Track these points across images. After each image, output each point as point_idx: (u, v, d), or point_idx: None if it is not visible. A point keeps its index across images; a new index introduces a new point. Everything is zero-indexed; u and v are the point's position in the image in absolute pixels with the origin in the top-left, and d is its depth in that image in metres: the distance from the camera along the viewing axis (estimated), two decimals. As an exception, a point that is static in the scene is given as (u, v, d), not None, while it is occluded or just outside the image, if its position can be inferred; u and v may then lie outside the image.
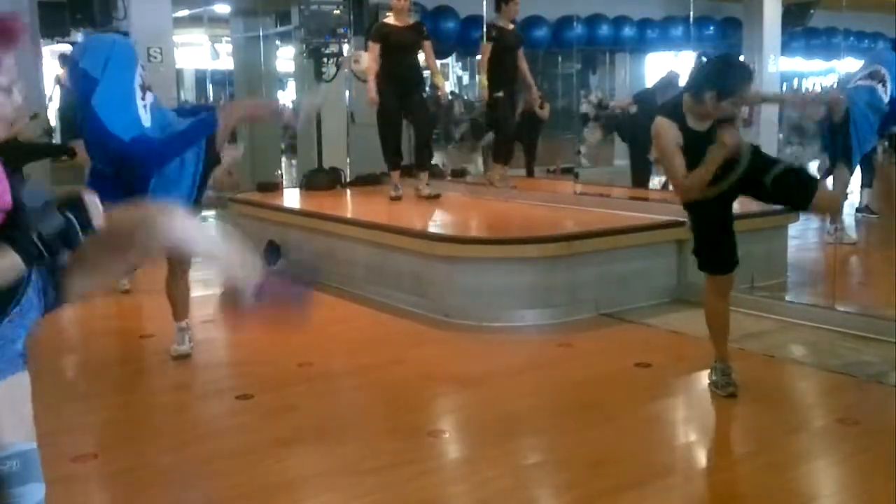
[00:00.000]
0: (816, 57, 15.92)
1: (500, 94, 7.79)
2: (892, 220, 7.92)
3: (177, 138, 4.41)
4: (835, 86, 14.31)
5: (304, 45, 9.14)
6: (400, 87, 7.28)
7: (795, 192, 3.91)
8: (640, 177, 9.48)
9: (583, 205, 7.02)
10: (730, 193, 3.91)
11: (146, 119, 4.30)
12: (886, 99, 7.30)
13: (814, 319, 5.34)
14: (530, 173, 11.21)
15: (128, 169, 4.22)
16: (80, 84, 4.28)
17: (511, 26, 7.81)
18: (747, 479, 3.33)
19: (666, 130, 3.82)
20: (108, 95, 4.21)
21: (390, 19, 7.37)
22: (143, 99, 4.34)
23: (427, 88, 7.63)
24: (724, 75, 3.80)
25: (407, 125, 7.78)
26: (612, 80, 14.34)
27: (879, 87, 7.39)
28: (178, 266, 4.84)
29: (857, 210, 9.26)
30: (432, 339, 5.30)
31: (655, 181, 9.35)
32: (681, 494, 3.32)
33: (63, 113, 9.45)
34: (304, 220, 7.20)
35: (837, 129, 7.31)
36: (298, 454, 3.64)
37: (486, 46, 7.75)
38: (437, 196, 7.42)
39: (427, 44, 7.50)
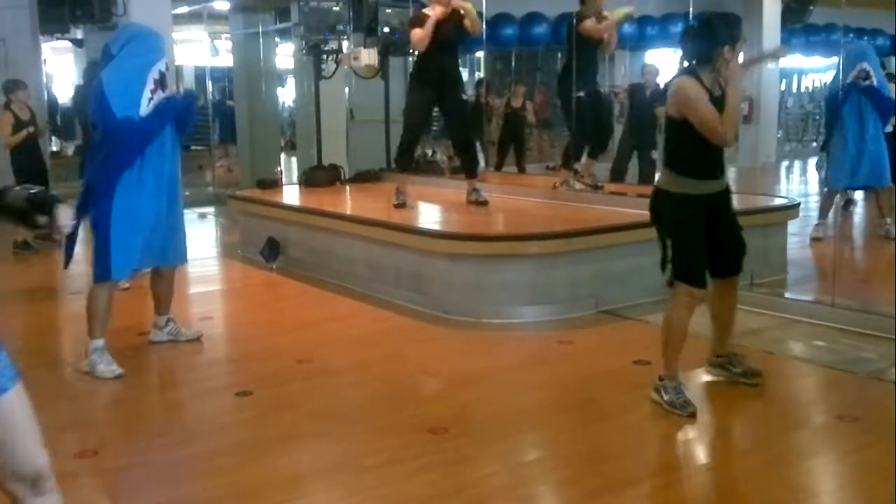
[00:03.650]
0: (816, 53, 15.92)
1: (582, 94, 7.16)
2: None
3: (152, 117, 4.56)
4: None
5: (304, 42, 9.14)
6: (435, 84, 6.68)
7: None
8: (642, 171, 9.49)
9: (582, 201, 7.02)
10: (703, 213, 3.96)
11: (145, 109, 4.47)
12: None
13: (813, 316, 5.35)
14: (521, 170, 11.20)
15: (112, 148, 4.45)
16: (103, 58, 4.53)
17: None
18: (747, 476, 3.33)
19: (692, 84, 3.80)
20: (117, 70, 4.43)
21: (429, 10, 6.67)
22: (153, 92, 4.47)
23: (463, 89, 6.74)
24: (726, 27, 3.88)
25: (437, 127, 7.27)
26: (612, 76, 14.33)
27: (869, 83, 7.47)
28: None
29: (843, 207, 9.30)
30: (432, 335, 5.30)
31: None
32: (680, 491, 3.32)
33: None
34: (304, 217, 7.20)
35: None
36: (298, 450, 3.64)
37: (588, 22, 7.03)
38: (485, 202, 6.95)
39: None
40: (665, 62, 11.10)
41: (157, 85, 4.49)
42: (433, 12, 6.49)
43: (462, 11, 6.49)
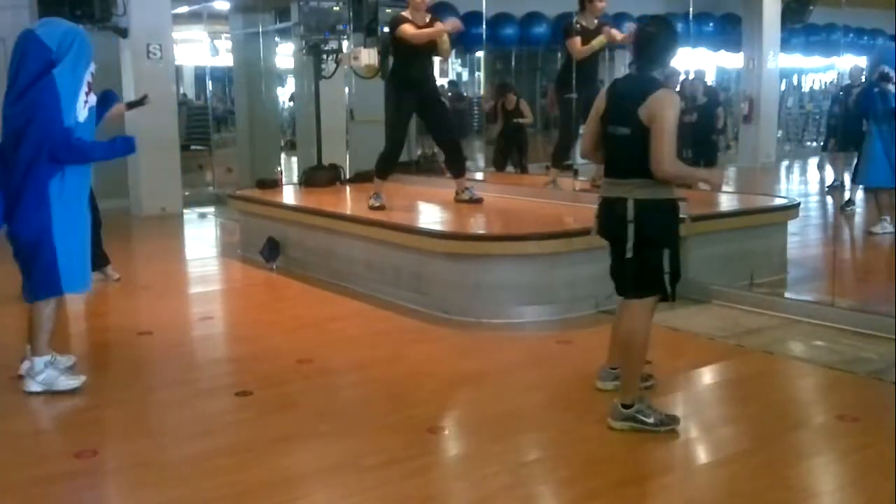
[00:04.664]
0: (816, 53, 15.93)
1: (574, 95, 7.28)
2: None
3: (97, 149, 4.42)
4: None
5: (304, 42, 9.14)
6: (417, 92, 6.68)
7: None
8: None
9: (582, 201, 7.01)
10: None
11: (83, 115, 4.28)
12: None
13: (813, 316, 5.34)
14: (524, 170, 11.20)
15: (46, 152, 4.16)
16: (28, 49, 4.17)
17: (595, 24, 7.28)
18: (747, 476, 3.33)
19: (677, 105, 3.66)
20: (71, 73, 4.19)
21: (408, 14, 6.65)
22: (87, 95, 4.31)
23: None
24: (670, 36, 3.79)
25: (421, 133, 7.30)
26: (611, 76, 14.36)
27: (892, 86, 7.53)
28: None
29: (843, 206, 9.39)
30: (432, 335, 5.30)
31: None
32: (680, 491, 3.32)
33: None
34: (304, 217, 7.19)
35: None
36: (298, 451, 3.64)
37: (576, 41, 7.26)
38: (479, 200, 6.99)
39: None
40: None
41: (89, 87, 4.34)
42: (426, 30, 6.45)
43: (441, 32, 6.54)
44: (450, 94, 14.43)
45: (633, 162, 3.69)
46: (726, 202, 7.71)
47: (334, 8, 8.93)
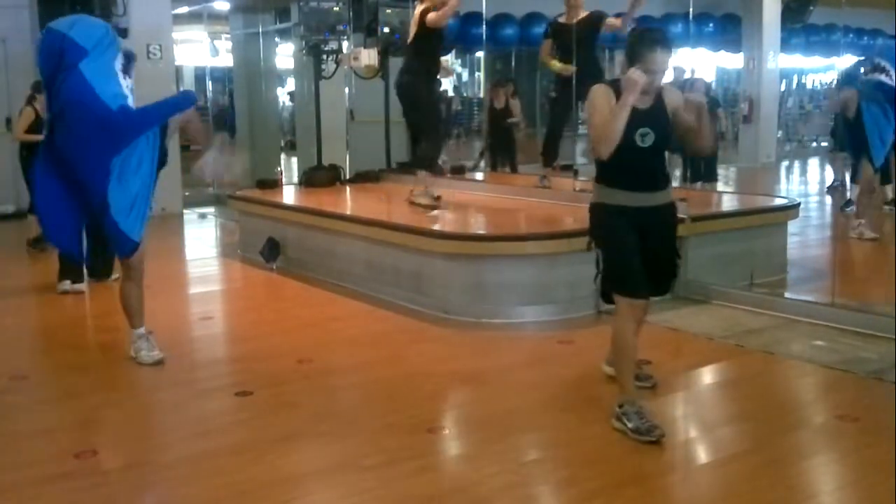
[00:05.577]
0: (816, 53, 15.94)
1: (554, 94, 7.42)
2: None
3: (153, 109, 4.62)
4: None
5: (304, 42, 9.15)
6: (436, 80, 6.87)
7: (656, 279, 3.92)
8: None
9: (582, 202, 7.00)
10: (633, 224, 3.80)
11: (129, 97, 4.51)
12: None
13: (813, 316, 5.34)
14: (514, 170, 11.22)
15: (106, 136, 4.39)
16: (65, 52, 4.34)
17: (573, 22, 7.14)
18: (747, 476, 3.32)
19: (602, 93, 3.77)
20: (97, 66, 4.38)
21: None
22: (124, 80, 4.53)
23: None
24: (632, 43, 3.77)
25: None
26: (611, 77, 14.36)
27: (885, 77, 7.51)
28: (131, 272, 4.88)
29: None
30: (432, 336, 5.30)
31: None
32: (680, 491, 3.32)
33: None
34: (304, 217, 7.20)
35: (854, 125, 7.55)
36: (298, 451, 3.64)
37: (545, 44, 7.42)
38: (436, 207, 6.92)
39: None
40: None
41: (122, 75, 4.55)
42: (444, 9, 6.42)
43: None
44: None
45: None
46: (727, 202, 7.71)
47: (334, 8, 8.95)
